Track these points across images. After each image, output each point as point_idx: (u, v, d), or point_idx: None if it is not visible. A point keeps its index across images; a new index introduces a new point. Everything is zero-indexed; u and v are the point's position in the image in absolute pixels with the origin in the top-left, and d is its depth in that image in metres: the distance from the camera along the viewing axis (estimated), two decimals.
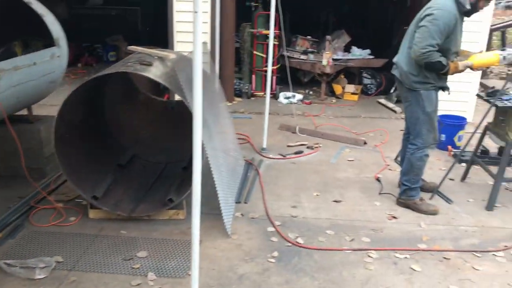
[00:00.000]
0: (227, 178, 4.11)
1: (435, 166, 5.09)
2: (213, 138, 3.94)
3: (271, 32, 5.38)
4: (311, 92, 8.34)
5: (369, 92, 8.30)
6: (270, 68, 5.53)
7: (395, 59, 4.21)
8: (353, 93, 7.97)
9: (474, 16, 3.97)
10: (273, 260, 3.34)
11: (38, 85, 4.19)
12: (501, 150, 5.14)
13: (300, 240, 3.60)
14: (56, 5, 10.42)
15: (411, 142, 4.14)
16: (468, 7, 3.79)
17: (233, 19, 7.28)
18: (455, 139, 5.47)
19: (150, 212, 3.83)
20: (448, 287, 3.08)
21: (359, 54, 8.35)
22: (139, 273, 3.16)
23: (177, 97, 6.34)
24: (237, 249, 3.48)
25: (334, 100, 7.95)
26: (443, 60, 3.78)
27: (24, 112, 4.54)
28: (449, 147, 5.41)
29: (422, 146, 4.06)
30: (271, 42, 5.43)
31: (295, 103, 7.63)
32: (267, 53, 7.70)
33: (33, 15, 4.23)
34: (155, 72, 3.67)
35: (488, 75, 9.71)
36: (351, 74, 8.62)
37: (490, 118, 4.36)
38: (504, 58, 3.93)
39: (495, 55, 3.96)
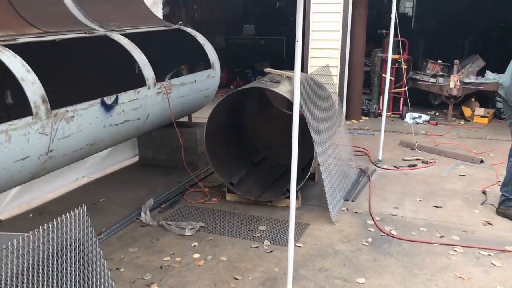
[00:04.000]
0: (337, 179, 4.88)
1: None
2: (325, 146, 4.76)
3: (389, 54, 5.99)
4: (437, 114, 8.59)
5: (502, 116, 8.21)
6: (387, 88, 6.16)
7: (500, 80, 4.56)
8: (482, 116, 8.03)
9: None
10: (366, 244, 4.00)
11: (196, 98, 5.49)
12: None
13: (394, 232, 4.19)
14: (216, 36, 12.34)
15: None
16: None
17: (363, 46, 8.01)
18: None
19: (272, 198, 4.78)
20: None
21: (492, 78, 8.36)
22: (258, 240, 4.11)
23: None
24: (338, 233, 4.21)
25: (462, 122, 8.10)
26: None
27: (185, 119, 5.91)
28: None
29: None
30: (389, 63, 6.03)
31: (420, 123, 8.00)
32: (395, 76, 8.29)
33: (196, 44, 5.56)
34: (281, 88, 4.64)
35: None
36: (485, 97, 8.65)
37: None
38: None
39: None
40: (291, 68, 9.00)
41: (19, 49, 3.44)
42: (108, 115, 4.06)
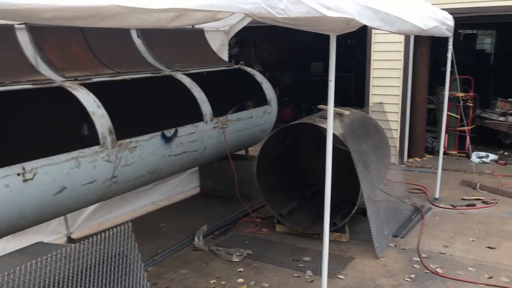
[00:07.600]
0: (386, 215, 4.92)
1: None
2: (374, 181, 4.85)
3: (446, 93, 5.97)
4: (507, 153, 8.23)
5: None
6: (443, 126, 6.12)
7: None
8: None
9: None
10: (408, 279, 4.00)
11: (253, 133, 5.83)
12: None
13: (439, 270, 4.14)
14: (283, 74, 12.81)
15: None
16: None
17: (426, 83, 7.97)
18: None
19: (319, 231, 4.89)
20: None
21: None
22: (301, 269, 4.25)
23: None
24: (381, 268, 4.24)
25: None
26: None
27: (243, 152, 6.25)
28: None
29: None
30: (446, 100, 6.02)
31: (488, 162, 7.72)
32: (461, 114, 8.13)
33: (254, 82, 5.94)
34: None
35: None
36: None
37: None
38: None
39: None
40: (359, 104, 9.08)
41: (93, 87, 3.97)
42: (168, 146, 4.49)
